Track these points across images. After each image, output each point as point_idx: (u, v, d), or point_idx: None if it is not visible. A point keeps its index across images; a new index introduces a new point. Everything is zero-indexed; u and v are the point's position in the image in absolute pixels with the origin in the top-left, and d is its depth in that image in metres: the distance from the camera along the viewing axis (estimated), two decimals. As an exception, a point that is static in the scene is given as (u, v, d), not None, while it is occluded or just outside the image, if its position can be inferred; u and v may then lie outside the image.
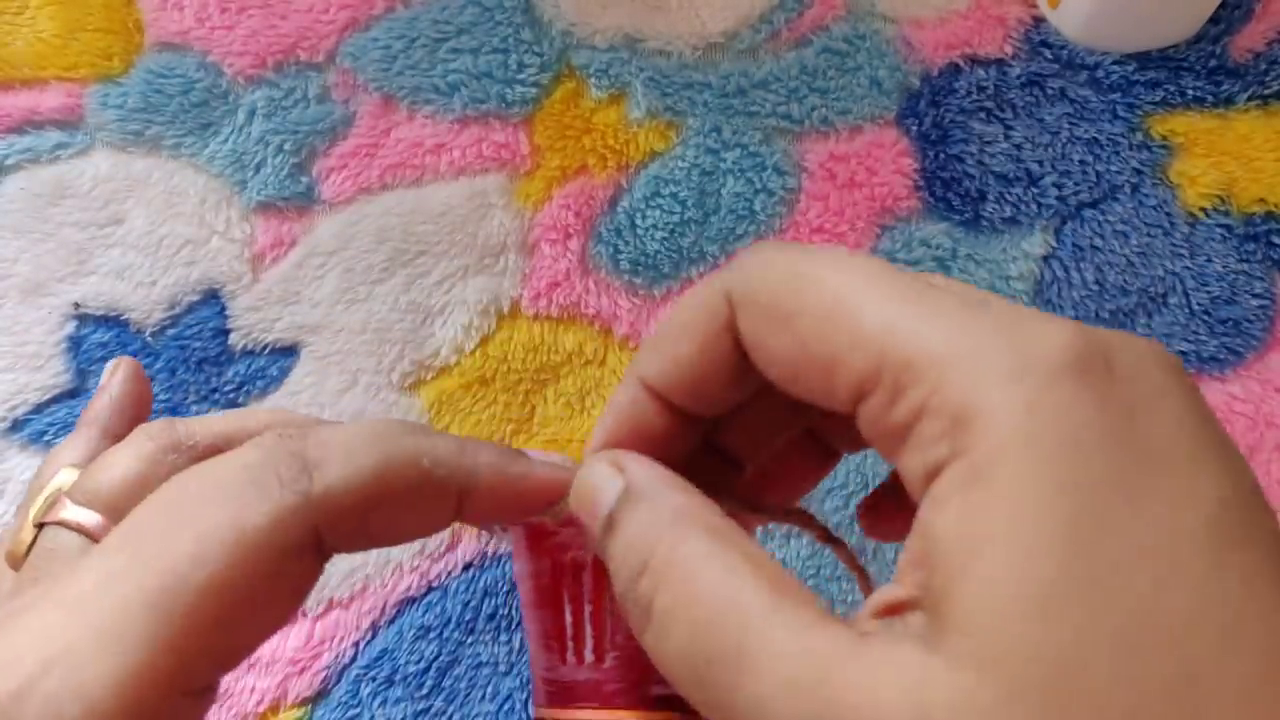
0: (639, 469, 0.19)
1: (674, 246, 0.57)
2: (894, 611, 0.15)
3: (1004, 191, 0.59)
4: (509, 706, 0.48)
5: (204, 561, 0.17)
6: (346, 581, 0.50)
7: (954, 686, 0.13)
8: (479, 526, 0.25)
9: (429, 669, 0.48)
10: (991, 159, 0.60)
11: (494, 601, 0.50)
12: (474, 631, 0.49)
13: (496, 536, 0.50)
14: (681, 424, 0.20)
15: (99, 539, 0.22)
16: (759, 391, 0.20)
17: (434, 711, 0.48)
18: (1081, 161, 0.59)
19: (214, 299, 0.56)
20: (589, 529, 0.19)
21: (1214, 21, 0.62)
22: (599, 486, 0.19)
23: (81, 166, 0.59)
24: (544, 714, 0.21)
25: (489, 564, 0.50)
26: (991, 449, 0.14)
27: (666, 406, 0.20)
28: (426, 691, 0.48)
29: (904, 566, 0.15)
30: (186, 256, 0.57)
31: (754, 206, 0.58)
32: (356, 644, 0.49)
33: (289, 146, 0.59)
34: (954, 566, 0.14)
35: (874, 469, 0.52)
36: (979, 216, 0.58)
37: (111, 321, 0.55)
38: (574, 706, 0.20)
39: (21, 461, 0.52)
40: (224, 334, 0.55)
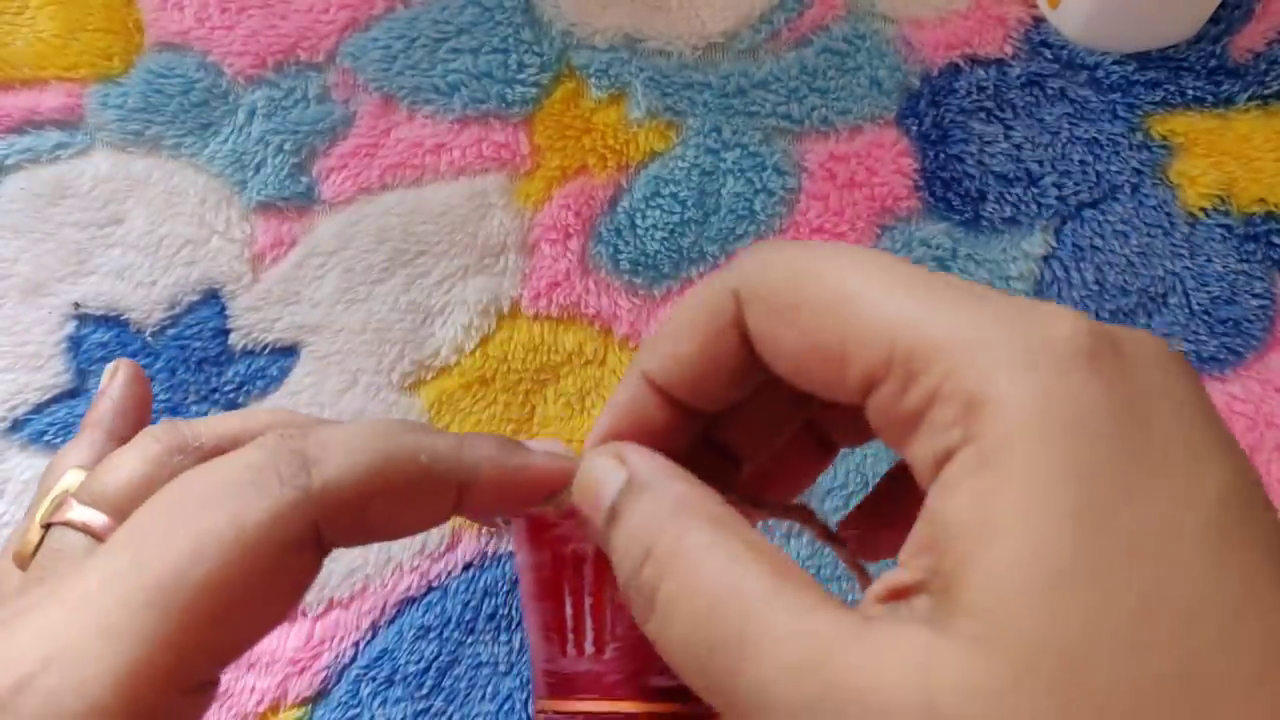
0: (641, 460, 0.19)
1: (674, 246, 0.57)
2: (899, 596, 0.15)
3: (1004, 191, 0.59)
4: (509, 706, 0.48)
5: (203, 558, 0.17)
6: (346, 581, 0.50)
7: (961, 669, 0.13)
8: (481, 522, 0.25)
9: (429, 669, 0.48)
10: (991, 159, 0.60)
11: (494, 601, 0.50)
12: (474, 631, 0.49)
13: (499, 532, 0.50)
14: (682, 419, 0.20)
15: (105, 539, 0.22)
16: (761, 387, 0.20)
17: (434, 711, 0.48)
18: (1081, 161, 0.60)
19: (214, 299, 0.56)
20: (591, 520, 0.19)
21: (1214, 21, 0.62)
22: (601, 478, 0.19)
23: (81, 166, 0.59)
24: (544, 706, 0.21)
25: (489, 564, 0.50)
26: (1002, 434, 0.14)
27: (668, 401, 0.20)
28: (426, 691, 0.48)
29: (909, 551, 0.15)
30: (186, 256, 0.57)
31: (754, 206, 0.58)
32: (356, 644, 0.49)
33: (289, 146, 0.59)
34: (964, 551, 0.14)
35: (874, 469, 0.52)
36: (979, 216, 0.58)
37: (111, 321, 0.55)
38: (574, 698, 0.20)
39: (21, 461, 0.52)
40: (224, 334, 0.55)
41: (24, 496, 0.52)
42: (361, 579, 0.50)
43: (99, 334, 0.55)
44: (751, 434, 0.22)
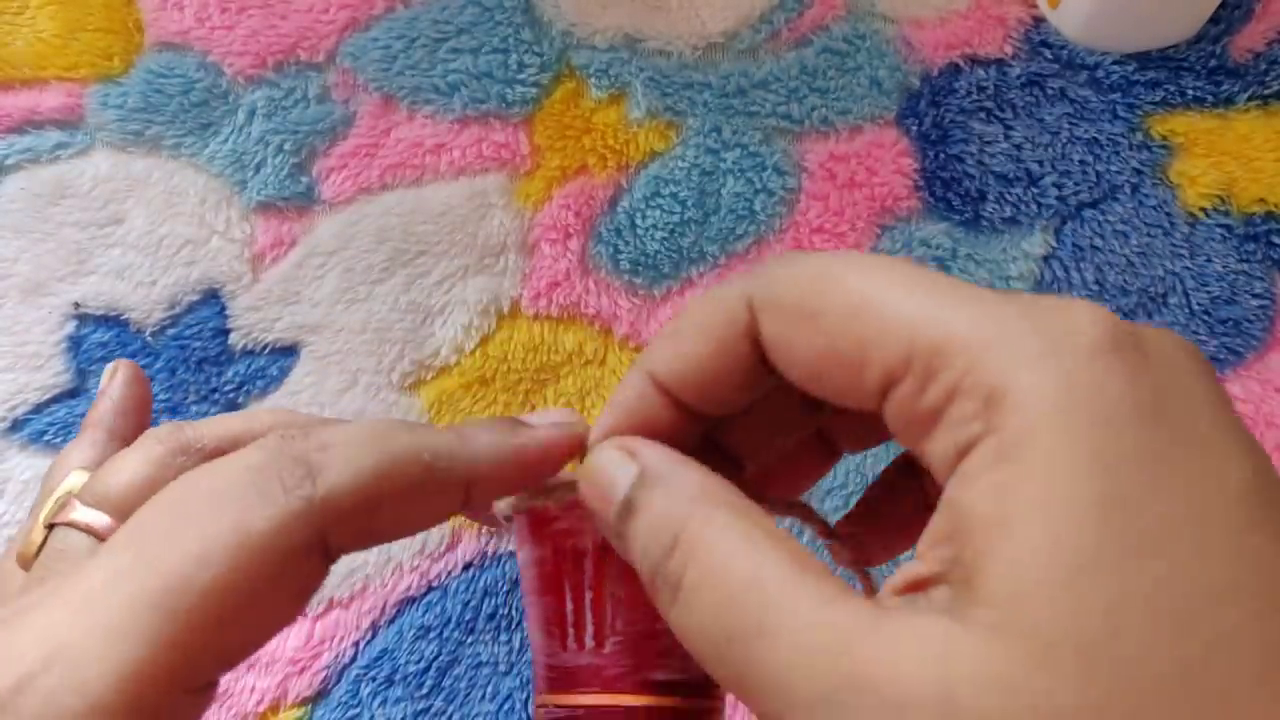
0: (653, 452, 0.19)
1: (674, 246, 0.57)
2: (918, 587, 0.15)
3: (1004, 191, 0.59)
4: (509, 706, 0.48)
5: (209, 563, 0.17)
6: (346, 581, 0.50)
7: (980, 657, 0.13)
8: (482, 521, 0.25)
9: (429, 669, 0.48)
10: (991, 159, 0.60)
11: (494, 601, 0.50)
12: (474, 631, 0.49)
13: (499, 531, 0.50)
14: (686, 421, 0.20)
15: (107, 540, 0.22)
16: (767, 393, 0.20)
17: (434, 711, 0.48)
18: (1081, 161, 0.60)
19: (214, 299, 0.56)
20: (601, 513, 0.19)
21: (1214, 21, 0.62)
22: (611, 471, 0.19)
23: (81, 166, 0.59)
24: (545, 700, 0.21)
25: (489, 564, 0.50)
26: (1024, 425, 0.14)
27: (673, 403, 0.20)
28: (426, 691, 0.48)
29: (927, 543, 0.15)
30: (186, 256, 0.57)
31: (754, 206, 0.58)
32: (356, 644, 0.49)
33: (289, 146, 0.59)
34: (984, 540, 0.14)
35: (874, 469, 0.52)
36: (979, 216, 0.58)
37: (111, 321, 0.55)
38: (575, 692, 0.20)
39: (21, 461, 0.52)
40: (224, 334, 0.55)
41: (24, 496, 0.52)
42: (361, 579, 0.50)
43: (99, 334, 0.55)
44: (755, 437, 0.22)
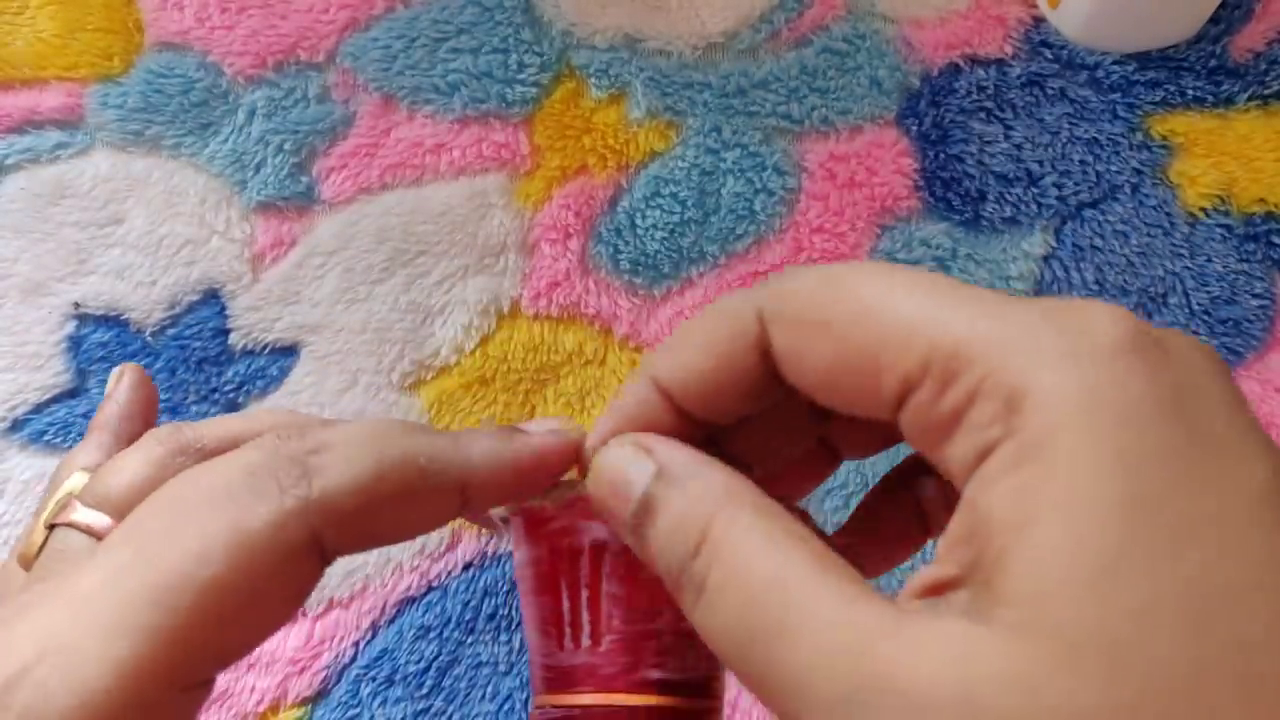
0: (671, 450, 0.18)
1: (674, 246, 0.57)
2: (937, 591, 0.15)
3: (1004, 191, 0.59)
4: (509, 706, 0.48)
5: (207, 561, 0.17)
6: (346, 581, 0.50)
7: (1002, 658, 0.13)
8: (480, 522, 0.25)
9: (429, 669, 0.48)
10: (991, 159, 0.60)
11: (494, 601, 0.50)
12: (474, 631, 0.49)
13: (499, 532, 0.50)
14: (688, 428, 0.20)
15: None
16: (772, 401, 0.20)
17: (434, 711, 0.48)
18: (1081, 161, 0.60)
19: (214, 299, 0.56)
20: (614, 510, 0.19)
21: (1214, 21, 0.62)
22: (627, 469, 0.18)
23: (81, 166, 0.59)
24: (542, 701, 0.21)
25: (489, 564, 0.50)
26: (1045, 425, 0.14)
27: (676, 410, 0.20)
28: (426, 691, 0.48)
29: (946, 546, 0.15)
30: (186, 256, 0.57)
31: (754, 206, 0.58)
32: (356, 644, 0.49)
33: (289, 146, 0.59)
34: (1005, 541, 0.14)
35: (874, 469, 0.52)
36: (979, 216, 0.58)
37: (111, 321, 0.55)
38: (571, 691, 0.20)
39: (21, 461, 0.52)
40: (224, 334, 0.55)
41: (24, 496, 0.52)
42: (361, 579, 0.50)
43: (99, 334, 0.55)
44: (758, 445, 0.22)
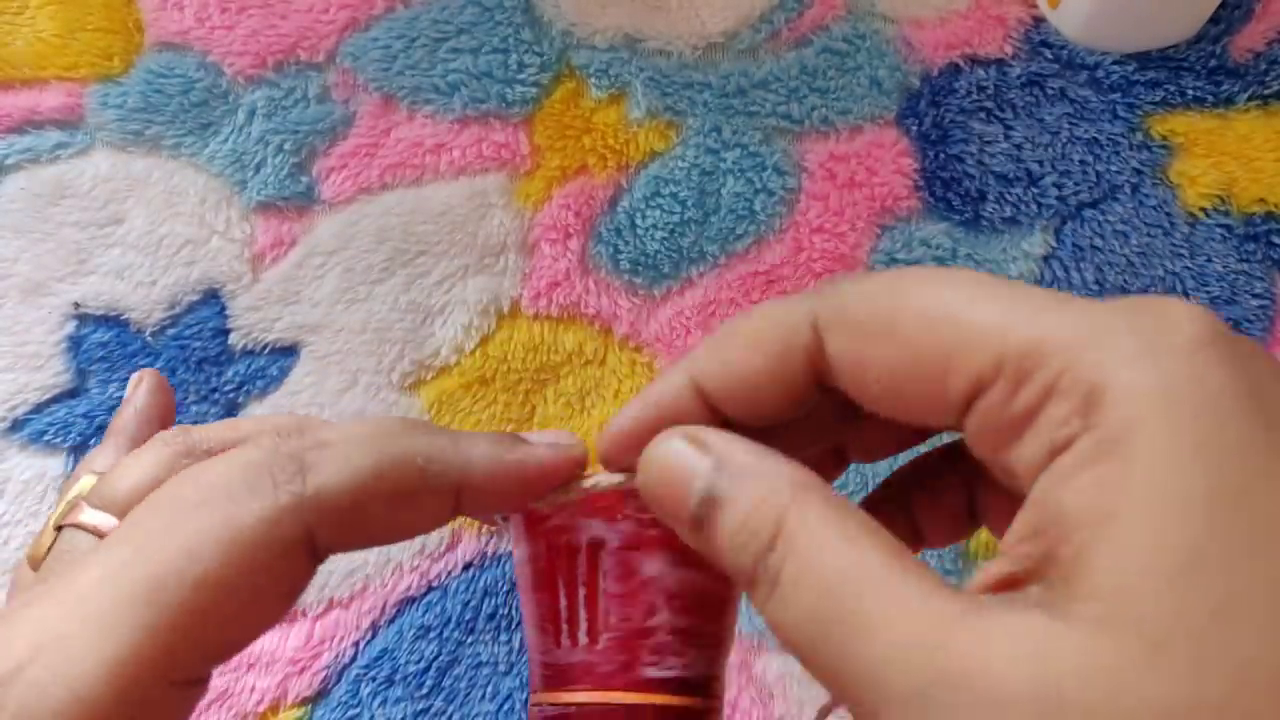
0: (729, 442, 0.18)
1: (674, 246, 0.57)
2: (1009, 586, 0.15)
3: (1004, 191, 0.59)
4: (509, 706, 0.48)
5: (198, 557, 0.17)
6: (346, 581, 0.50)
7: (1083, 653, 0.13)
8: (482, 520, 0.25)
9: (429, 669, 0.48)
10: (991, 159, 0.60)
11: (494, 601, 0.50)
12: (474, 631, 0.49)
13: (499, 531, 0.50)
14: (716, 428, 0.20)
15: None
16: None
17: (434, 711, 0.48)
18: (1081, 161, 0.60)
19: (214, 299, 0.56)
20: (671, 505, 0.18)
21: (1214, 21, 0.62)
22: (685, 463, 0.18)
23: (81, 166, 0.59)
24: (539, 699, 0.21)
25: (489, 564, 0.50)
26: (1125, 421, 0.14)
27: (709, 410, 0.20)
28: (426, 691, 0.48)
29: (1012, 542, 0.15)
30: (186, 256, 0.57)
31: (754, 206, 0.58)
32: (356, 644, 0.49)
33: (289, 146, 0.59)
34: (1085, 536, 0.14)
35: (874, 468, 0.52)
36: (979, 216, 0.58)
37: (111, 321, 0.55)
38: (568, 689, 0.20)
39: (21, 461, 0.52)
40: (224, 334, 0.55)
41: (24, 496, 0.52)
42: (361, 579, 0.50)
43: (99, 334, 0.55)
44: (780, 448, 0.22)
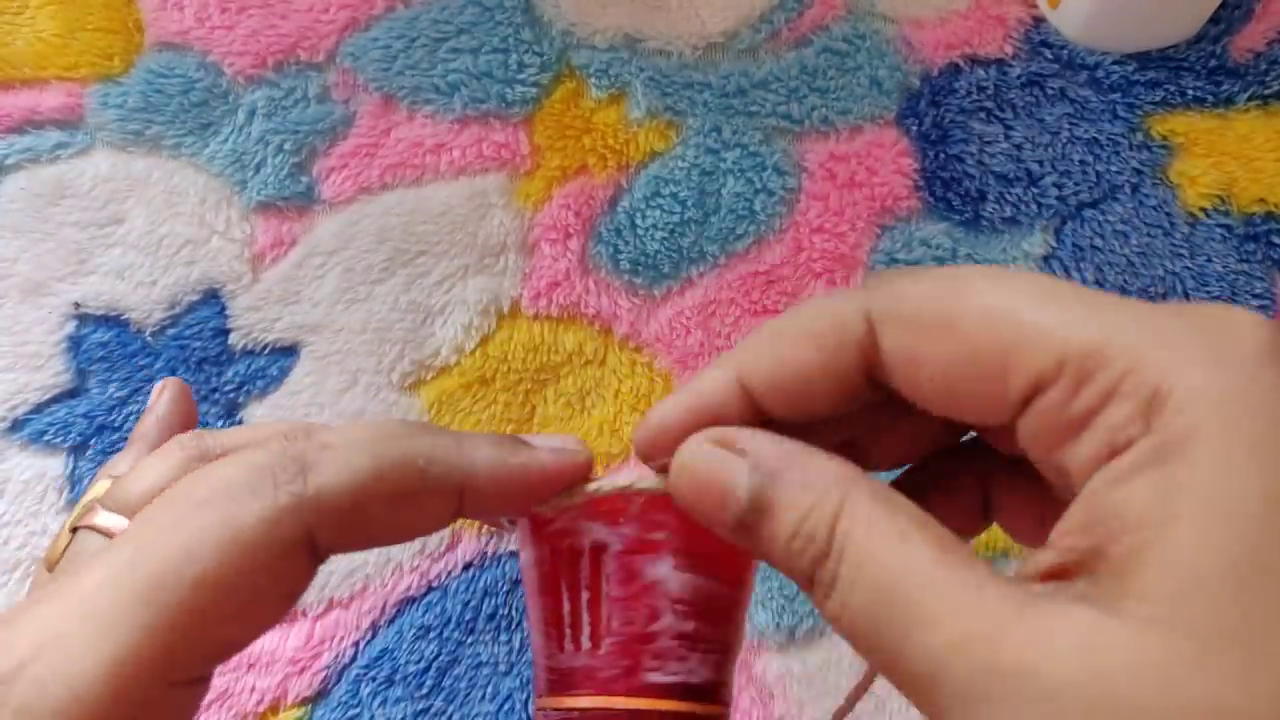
0: (766, 444, 0.18)
1: (674, 246, 0.57)
2: (1057, 576, 0.15)
3: (1004, 191, 0.59)
4: (509, 706, 0.48)
5: (197, 557, 0.17)
6: (346, 581, 0.50)
7: (1136, 650, 0.14)
8: (486, 521, 0.25)
9: (429, 669, 0.48)
10: (991, 159, 0.60)
11: (494, 601, 0.50)
12: (474, 631, 0.49)
13: (500, 532, 0.50)
14: (756, 426, 0.20)
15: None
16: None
17: (434, 711, 0.48)
18: (1081, 161, 0.60)
19: (214, 299, 0.56)
20: (709, 512, 0.18)
21: (1214, 21, 0.62)
22: (725, 468, 0.18)
23: (81, 166, 0.59)
24: (543, 704, 0.21)
25: (489, 564, 0.50)
26: (1187, 426, 0.14)
27: (752, 407, 0.19)
28: (426, 691, 0.48)
29: (1063, 533, 0.15)
30: (186, 256, 0.57)
31: (754, 206, 0.58)
32: (356, 644, 0.49)
33: (289, 146, 0.59)
34: (1143, 537, 0.14)
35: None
36: (979, 216, 0.58)
37: (111, 321, 0.55)
38: (571, 693, 0.20)
39: (21, 461, 0.52)
40: (224, 334, 0.55)
41: (24, 496, 0.52)
42: (361, 579, 0.50)
43: (99, 334, 0.55)
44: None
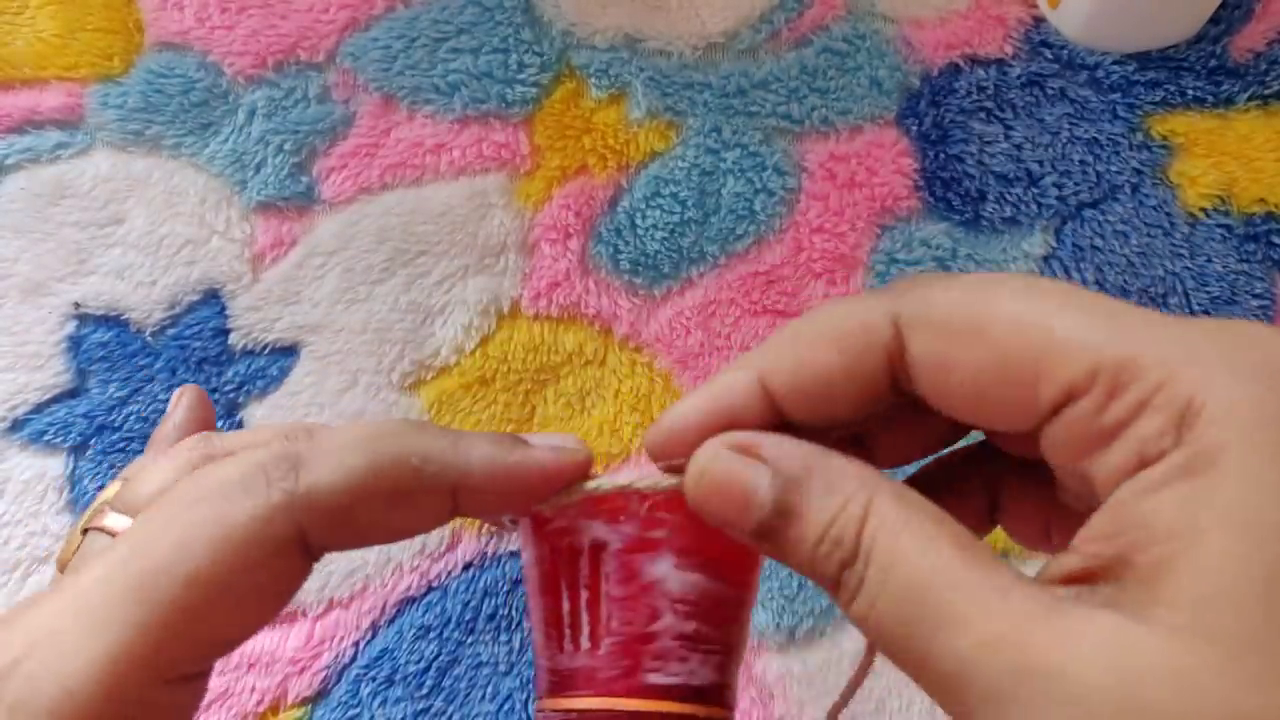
0: (785, 448, 0.18)
1: (674, 246, 0.57)
2: (1081, 580, 0.15)
3: (1004, 191, 0.59)
4: (509, 706, 0.48)
5: (190, 554, 0.17)
6: (346, 581, 0.50)
7: (1163, 655, 0.14)
8: (489, 521, 0.25)
9: (429, 669, 0.48)
10: (991, 159, 0.60)
11: (494, 601, 0.50)
12: (474, 631, 0.49)
13: (501, 531, 0.50)
14: (776, 428, 0.20)
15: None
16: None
17: (434, 711, 0.48)
18: (1081, 161, 0.60)
19: (214, 299, 0.56)
20: (730, 518, 0.18)
21: (1214, 21, 0.62)
22: (745, 476, 0.18)
23: (81, 166, 0.59)
24: (543, 705, 0.21)
25: (489, 564, 0.50)
26: (1219, 440, 0.15)
27: (772, 409, 0.19)
28: (426, 691, 0.48)
29: (1085, 539, 0.16)
30: (186, 256, 0.57)
31: (754, 206, 0.58)
32: (356, 644, 0.49)
33: (289, 146, 0.59)
34: (1170, 548, 0.14)
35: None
36: (979, 216, 0.58)
37: (111, 321, 0.55)
38: (571, 694, 0.20)
39: (21, 461, 0.52)
40: (224, 334, 0.55)
41: (24, 496, 0.52)
42: (361, 579, 0.50)
43: (99, 334, 0.55)
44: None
